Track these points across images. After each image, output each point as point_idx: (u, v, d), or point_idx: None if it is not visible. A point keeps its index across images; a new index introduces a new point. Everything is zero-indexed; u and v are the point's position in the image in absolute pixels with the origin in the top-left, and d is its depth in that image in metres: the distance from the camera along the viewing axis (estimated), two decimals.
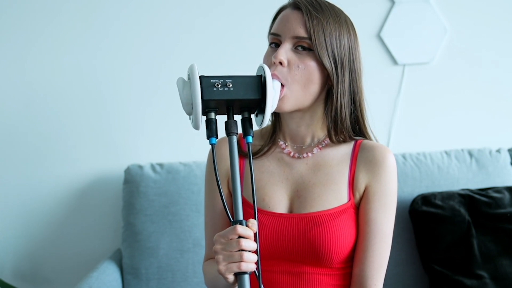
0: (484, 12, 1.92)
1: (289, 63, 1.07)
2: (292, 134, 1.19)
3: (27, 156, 1.89)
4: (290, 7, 1.12)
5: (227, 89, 0.94)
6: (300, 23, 1.07)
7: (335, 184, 1.14)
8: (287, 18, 1.10)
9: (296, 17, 1.08)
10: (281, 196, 1.16)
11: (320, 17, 1.07)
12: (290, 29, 1.08)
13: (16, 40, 1.87)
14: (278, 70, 1.07)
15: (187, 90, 0.96)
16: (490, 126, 1.95)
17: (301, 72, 1.07)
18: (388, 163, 1.13)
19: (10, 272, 1.92)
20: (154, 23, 1.89)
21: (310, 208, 1.13)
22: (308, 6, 1.08)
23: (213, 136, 0.93)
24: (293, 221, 1.12)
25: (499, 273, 1.59)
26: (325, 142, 1.17)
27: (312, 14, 1.07)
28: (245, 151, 1.21)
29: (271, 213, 1.14)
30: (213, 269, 1.13)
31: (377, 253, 1.11)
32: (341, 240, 1.10)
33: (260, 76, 0.97)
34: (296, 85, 1.08)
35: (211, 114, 0.96)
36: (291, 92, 1.08)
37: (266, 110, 0.95)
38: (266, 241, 1.12)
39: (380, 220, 1.12)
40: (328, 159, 1.16)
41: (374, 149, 1.15)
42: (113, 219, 1.90)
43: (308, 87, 1.09)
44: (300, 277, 1.13)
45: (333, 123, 1.14)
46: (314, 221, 1.11)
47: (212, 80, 0.94)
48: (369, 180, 1.14)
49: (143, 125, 1.89)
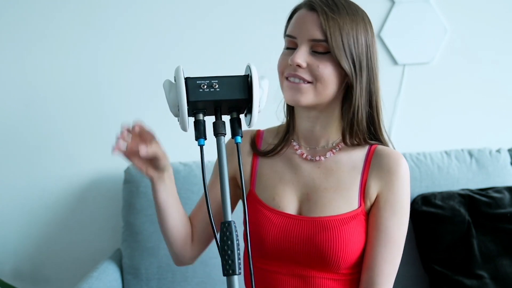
0: (484, 11, 1.92)
1: (308, 65, 1.07)
2: (307, 135, 1.17)
3: (27, 156, 1.89)
4: (305, 8, 1.09)
5: (213, 90, 0.93)
6: (316, 25, 1.06)
7: (346, 190, 1.13)
8: (303, 19, 1.08)
9: (312, 19, 1.07)
10: (291, 197, 1.15)
11: (336, 17, 1.06)
12: (306, 31, 1.07)
13: (17, 40, 1.87)
14: (298, 71, 1.07)
15: (173, 92, 0.96)
16: (490, 126, 1.95)
17: (321, 71, 1.07)
18: (401, 172, 1.12)
19: (10, 272, 1.92)
20: (154, 23, 1.89)
21: (319, 212, 1.12)
22: (323, 6, 1.06)
23: (202, 138, 0.92)
24: (302, 223, 1.12)
25: (499, 273, 1.59)
26: (339, 146, 1.16)
27: (328, 15, 1.05)
28: (259, 149, 1.21)
29: (281, 213, 1.14)
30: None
31: (387, 261, 1.10)
32: (350, 246, 1.09)
33: (247, 75, 0.96)
34: (318, 84, 1.08)
35: (199, 115, 0.95)
36: (314, 89, 1.08)
37: (253, 109, 0.94)
38: (275, 240, 1.12)
39: (391, 228, 1.11)
40: (340, 164, 1.15)
41: (388, 156, 1.13)
42: (113, 219, 1.90)
43: (327, 87, 1.08)
44: (307, 280, 1.12)
45: (349, 125, 1.12)
46: (323, 225, 1.10)
47: (198, 81, 0.93)
48: (381, 187, 1.12)
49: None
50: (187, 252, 1.26)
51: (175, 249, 1.25)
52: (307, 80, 1.07)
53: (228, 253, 0.84)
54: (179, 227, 1.23)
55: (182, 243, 1.24)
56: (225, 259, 0.84)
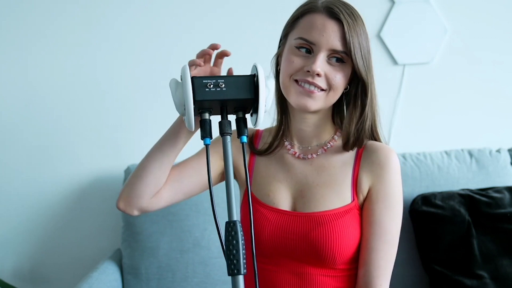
0: (484, 12, 1.92)
1: (325, 74, 1.08)
2: (300, 135, 1.19)
3: (27, 156, 1.90)
4: (325, 14, 1.08)
5: (220, 89, 0.93)
6: (339, 35, 1.07)
7: (339, 185, 1.14)
8: (324, 27, 1.07)
9: (335, 29, 1.07)
10: (285, 194, 1.17)
11: (357, 29, 1.08)
12: (327, 40, 1.07)
13: (18, 40, 1.87)
14: (316, 79, 1.07)
15: (179, 91, 0.96)
16: (490, 126, 1.95)
17: (338, 81, 1.09)
18: (391, 165, 1.13)
19: (10, 272, 1.92)
20: (155, 23, 1.89)
21: (313, 208, 1.13)
22: (347, 18, 1.07)
23: (207, 137, 0.92)
24: (296, 219, 1.13)
25: (499, 273, 1.59)
26: (330, 144, 1.18)
27: (351, 27, 1.07)
28: (257, 148, 1.23)
29: (276, 209, 1.15)
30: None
31: (382, 254, 1.11)
32: (345, 240, 1.10)
33: (253, 75, 0.96)
34: (331, 92, 1.10)
35: (205, 114, 0.95)
36: (326, 97, 1.10)
37: (259, 109, 0.95)
38: (271, 236, 1.13)
39: (384, 221, 1.12)
40: (332, 160, 1.17)
41: (378, 150, 1.14)
42: (113, 219, 1.90)
43: (338, 94, 1.12)
44: (304, 278, 1.13)
45: (356, 132, 1.13)
46: (317, 220, 1.11)
47: (204, 80, 0.93)
48: (372, 181, 1.14)
49: (143, 125, 1.89)
50: (150, 199, 1.18)
51: (144, 188, 1.16)
52: (321, 88, 1.09)
53: (233, 252, 0.84)
54: (166, 173, 1.18)
55: (155, 188, 1.17)
56: (230, 258, 0.84)
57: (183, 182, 1.21)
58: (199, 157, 1.25)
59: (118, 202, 1.19)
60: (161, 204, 1.20)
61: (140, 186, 1.16)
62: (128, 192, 1.18)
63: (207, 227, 1.72)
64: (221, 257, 1.71)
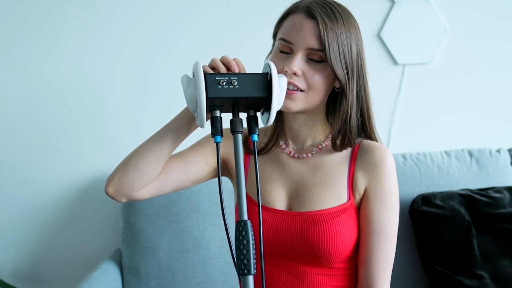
0: (483, 12, 1.92)
1: (303, 73, 1.07)
2: (294, 135, 1.19)
3: (27, 156, 1.89)
4: (303, 14, 1.08)
5: (232, 87, 0.93)
6: (315, 34, 1.06)
7: (334, 184, 1.14)
8: (301, 27, 1.07)
9: (310, 27, 1.06)
10: (280, 193, 1.17)
11: (334, 27, 1.06)
12: (304, 39, 1.06)
13: (18, 41, 1.87)
14: (294, 79, 1.07)
15: (191, 87, 0.95)
16: (490, 126, 1.95)
17: (316, 81, 1.08)
18: (386, 164, 1.13)
19: (10, 272, 1.92)
20: (155, 23, 1.89)
21: (309, 207, 1.13)
22: (323, 16, 1.06)
23: (218, 134, 0.91)
24: (292, 218, 1.13)
25: (499, 273, 1.59)
26: (325, 143, 1.18)
27: (327, 25, 1.05)
28: (250, 147, 1.22)
29: (272, 209, 1.15)
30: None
31: (382, 253, 1.11)
32: (341, 239, 1.10)
33: (266, 73, 0.96)
34: (311, 92, 1.09)
35: (216, 112, 0.94)
36: (306, 97, 1.09)
37: (272, 108, 0.94)
38: (267, 236, 1.13)
39: (382, 220, 1.12)
40: (327, 159, 1.16)
41: (373, 150, 1.14)
42: (113, 219, 1.90)
43: (319, 94, 1.10)
44: (301, 277, 1.13)
45: (340, 132, 1.13)
46: (313, 220, 1.11)
47: (217, 77, 0.93)
48: (368, 181, 1.14)
49: (143, 125, 1.89)
50: (143, 187, 1.15)
51: (138, 178, 1.12)
52: (300, 88, 1.08)
53: (243, 252, 0.83)
54: (162, 165, 1.15)
55: (149, 180, 1.14)
56: (240, 258, 0.84)
57: (176, 174, 1.18)
58: (194, 150, 1.22)
59: (108, 187, 1.13)
60: (150, 194, 1.17)
61: (134, 176, 1.12)
62: (120, 179, 1.12)
63: (207, 227, 1.72)
64: (221, 257, 1.71)
